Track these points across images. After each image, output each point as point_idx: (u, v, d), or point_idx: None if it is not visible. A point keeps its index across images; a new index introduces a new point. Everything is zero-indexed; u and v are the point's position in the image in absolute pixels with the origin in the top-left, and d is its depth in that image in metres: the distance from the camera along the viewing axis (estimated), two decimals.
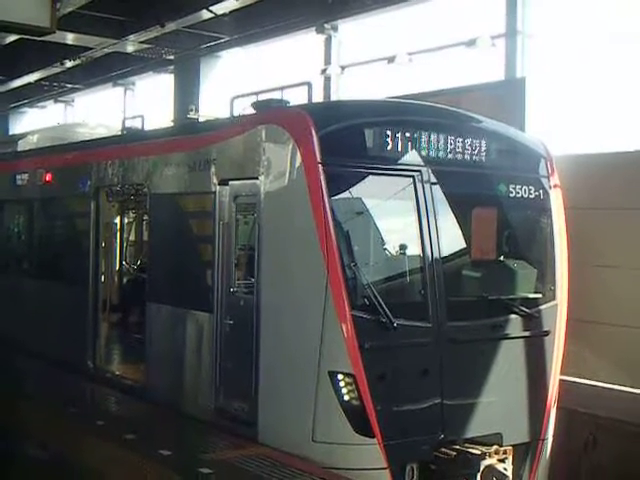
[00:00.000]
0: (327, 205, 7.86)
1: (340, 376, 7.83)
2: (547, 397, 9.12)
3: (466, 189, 9.01)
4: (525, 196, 9.26)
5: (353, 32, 17.63)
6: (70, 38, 19.59)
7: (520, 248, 9.62)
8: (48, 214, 13.94)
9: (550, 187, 9.42)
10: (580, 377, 11.64)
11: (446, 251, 8.58)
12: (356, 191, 8.39)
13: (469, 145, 8.85)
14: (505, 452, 8.49)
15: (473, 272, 9.17)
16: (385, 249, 8.69)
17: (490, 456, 8.33)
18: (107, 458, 8.34)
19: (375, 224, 8.59)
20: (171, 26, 18.20)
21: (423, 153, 8.52)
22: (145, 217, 13.52)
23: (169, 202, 10.31)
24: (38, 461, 9.39)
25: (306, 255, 8.07)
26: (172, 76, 21.99)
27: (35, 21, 7.53)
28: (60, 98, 28.20)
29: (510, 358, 8.85)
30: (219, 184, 9.20)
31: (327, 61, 17.79)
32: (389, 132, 8.31)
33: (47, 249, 13.89)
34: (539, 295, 9.21)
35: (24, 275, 14.27)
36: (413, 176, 8.45)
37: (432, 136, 8.57)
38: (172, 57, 20.79)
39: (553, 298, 9.23)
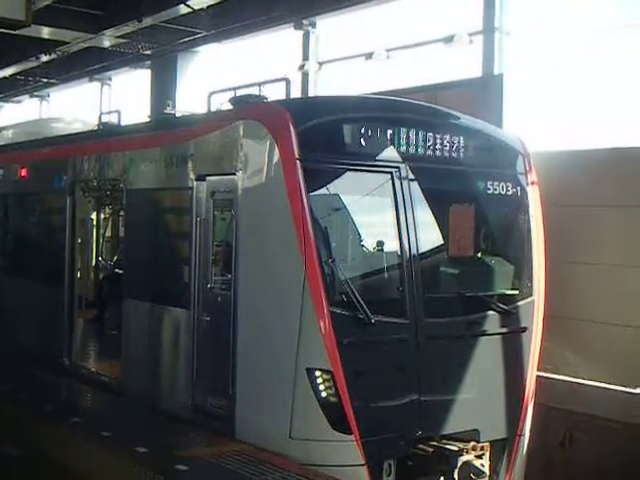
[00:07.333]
0: (305, 201, 7.84)
1: (318, 372, 7.81)
2: (524, 393, 9.14)
3: (444, 186, 9.03)
4: (503, 193, 9.28)
5: (331, 28, 17.59)
6: (46, 32, 19.37)
7: (497, 245, 9.63)
8: (23, 210, 13.83)
9: (527, 184, 9.45)
10: (557, 373, 11.67)
11: (424, 248, 8.60)
12: (334, 187, 8.35)
13: (447, 142, 8.85)
14: (482, 448, 8.52)
15: (451, 269, 9.16)
16: (363, 245, 8.68)
17: (467, 452, 8.37)
18: (83, 455, 8.28)
19: (353, 220, 8.58)
20: (148, 21, 18.06)
21: (401, 149, 8.52)
22: (121, 213, 13.42)
23: (145, 198, 10.25)
24: (12, 459, 9.30)
25: (284, 251, 8.05)
26: (149, 71, 21.85)
27: (10, 14, 7.44)
28: (36, 93, 27.89)
29: (487, 355, 8.86)
30: (196, 180, 9.15)
31: (305, 57, 17.74)
32: (367, 128, 8.30)
33: (22, 245, 13.76)
34: (516, 291, 9.24)
35: None
36: (391, 172, 8.44)
37: (410, 133, 8.57)
38: (149, 52, 20.63)
39: (530, 294, 9.26)
